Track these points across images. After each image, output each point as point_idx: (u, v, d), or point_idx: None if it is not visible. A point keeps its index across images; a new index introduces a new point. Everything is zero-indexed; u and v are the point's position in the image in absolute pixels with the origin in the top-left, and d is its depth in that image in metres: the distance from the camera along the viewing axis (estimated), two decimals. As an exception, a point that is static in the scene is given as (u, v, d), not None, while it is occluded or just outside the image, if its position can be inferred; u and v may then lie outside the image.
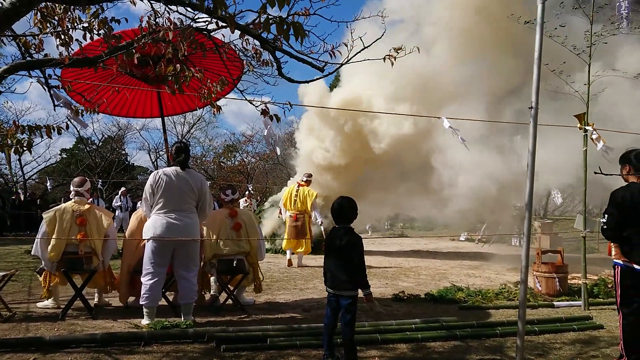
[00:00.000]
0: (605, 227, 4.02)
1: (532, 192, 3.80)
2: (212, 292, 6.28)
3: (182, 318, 5.15)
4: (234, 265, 5.80)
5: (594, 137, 5.81)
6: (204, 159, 36.38)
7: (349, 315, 3.87)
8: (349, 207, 4.05)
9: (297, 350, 4.37)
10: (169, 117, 29.52)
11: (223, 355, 4.22)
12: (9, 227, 18.38)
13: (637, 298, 3.86)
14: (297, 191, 10.25)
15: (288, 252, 10.15)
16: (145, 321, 5.08)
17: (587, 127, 5.95)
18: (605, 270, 8.42)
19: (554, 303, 6.41)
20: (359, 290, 3.93)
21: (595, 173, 5.93)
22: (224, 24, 3.56)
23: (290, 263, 9.98)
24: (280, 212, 10.86)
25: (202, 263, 5.72)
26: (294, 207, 10.15)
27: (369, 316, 5.59)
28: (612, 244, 4.10)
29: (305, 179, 10.41)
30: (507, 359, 4.26)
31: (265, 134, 4.81)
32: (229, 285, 5.99)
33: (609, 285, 6.81)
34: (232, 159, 36.73)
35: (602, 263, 9.17)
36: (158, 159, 32.99)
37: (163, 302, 5.61)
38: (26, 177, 27.36)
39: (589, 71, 6.24)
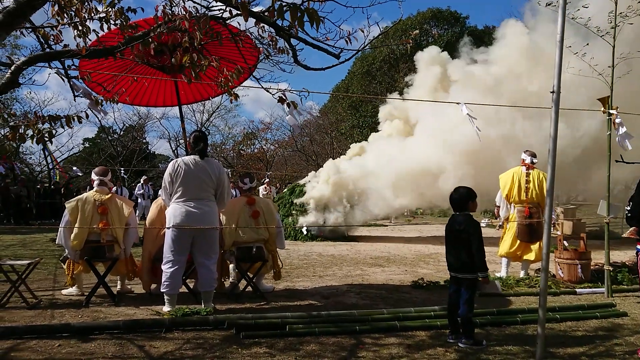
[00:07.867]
0: (629, 214, 3.94)
1: (554, 178, 3.74)
2: (231, 280, 6.34)
3: (203, 305, 5.21)
4: (253, 252, 5.83)
5: (617, 121, 5.66)
6: (223, 146, 36.62)
7: (466, 294, 4.23)
8: (468, 196, 4.38)
9: (316, 337, 4.39)
10: (188, 105, 29.69)
11: (243, 342, 4.26)
12: (34, 215, 18.78)
13: (662, 285, 3.78)
14: (527, 176, 7.21)
15: (504, 261, 7.40)
16: (166, 308, 5.15)
17: (611, 111, 5.80)
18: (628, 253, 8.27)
19: (576, 290, 6.32)
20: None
21: (617, 162, 5.80)
22: (237, 12, 3.54)
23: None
24: (498, 212, 7.63)
25: (221, 250, 5.77)
26: (527, 197, 7.15)
27: (388, 303, 5.59)
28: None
29: (531, 158, 7.24)
30: (528, 346, 4.22)
31: (287, 118, 4.78)
32: (248, 273, 6.03)
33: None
34: (252, 146, 36.89)
35: (627, 249, 9.01)
36: (178, 147, 33.28)
37: (184, 289, 5.68)
38: (50, 167, 27.89)
39: (613, 53, 6.06)
